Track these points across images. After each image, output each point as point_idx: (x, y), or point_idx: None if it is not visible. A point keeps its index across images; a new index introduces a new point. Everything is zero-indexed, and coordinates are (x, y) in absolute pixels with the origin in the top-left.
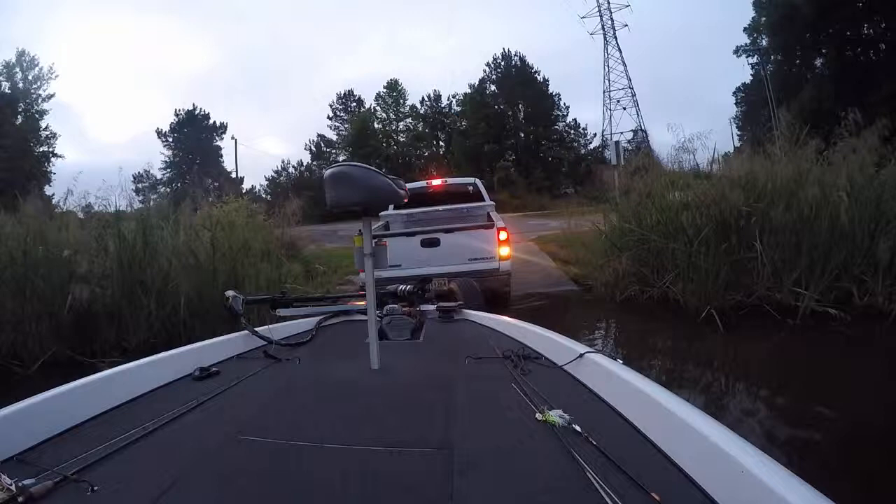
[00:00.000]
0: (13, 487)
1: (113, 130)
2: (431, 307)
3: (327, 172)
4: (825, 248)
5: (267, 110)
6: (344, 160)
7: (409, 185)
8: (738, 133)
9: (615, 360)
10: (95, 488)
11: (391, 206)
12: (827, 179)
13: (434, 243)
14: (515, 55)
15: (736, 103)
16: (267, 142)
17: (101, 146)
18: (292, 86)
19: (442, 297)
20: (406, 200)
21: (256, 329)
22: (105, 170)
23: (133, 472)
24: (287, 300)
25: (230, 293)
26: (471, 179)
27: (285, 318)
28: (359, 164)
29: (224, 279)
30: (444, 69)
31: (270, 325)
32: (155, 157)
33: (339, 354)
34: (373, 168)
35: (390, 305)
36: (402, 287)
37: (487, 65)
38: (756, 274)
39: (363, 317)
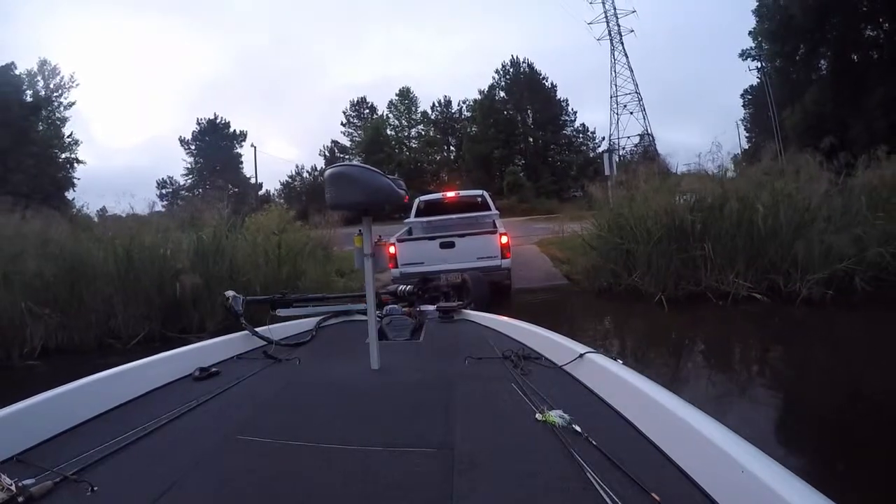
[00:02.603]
0: (13, 487)
1: (132, 136)
2: (431, 307)
3: (327, 172)
4: (759, 248)
5: (283, 116)
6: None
7: (428, 197)
8: (747, 135)
9: (615, 360)
10: (95, 488)
11: (413, 214)
12: (750, 194)
13: (450, 245)
14: (524, 61)
15: (743, 105)
16: (282, 147)
17: (118, 151)
18: (307, 92)
19: (456, 289)
20: (405, 200)
21: (256, 329)
22: (122, 175)
23: (133, 472)
24: (287, 300)
25: (230, 293)
26: (479, 192)
27: (285, 319)
28: (359, 164)
29: (286, 274)
30: (454, 75)
31: (270, 325)
32: (176, 163)
33: (339, 355)
34: (373, 168)
35: (390, 305)
36: (401, 287)
37: (497, 71)
38: (705, 268)
39: (363, 317)
